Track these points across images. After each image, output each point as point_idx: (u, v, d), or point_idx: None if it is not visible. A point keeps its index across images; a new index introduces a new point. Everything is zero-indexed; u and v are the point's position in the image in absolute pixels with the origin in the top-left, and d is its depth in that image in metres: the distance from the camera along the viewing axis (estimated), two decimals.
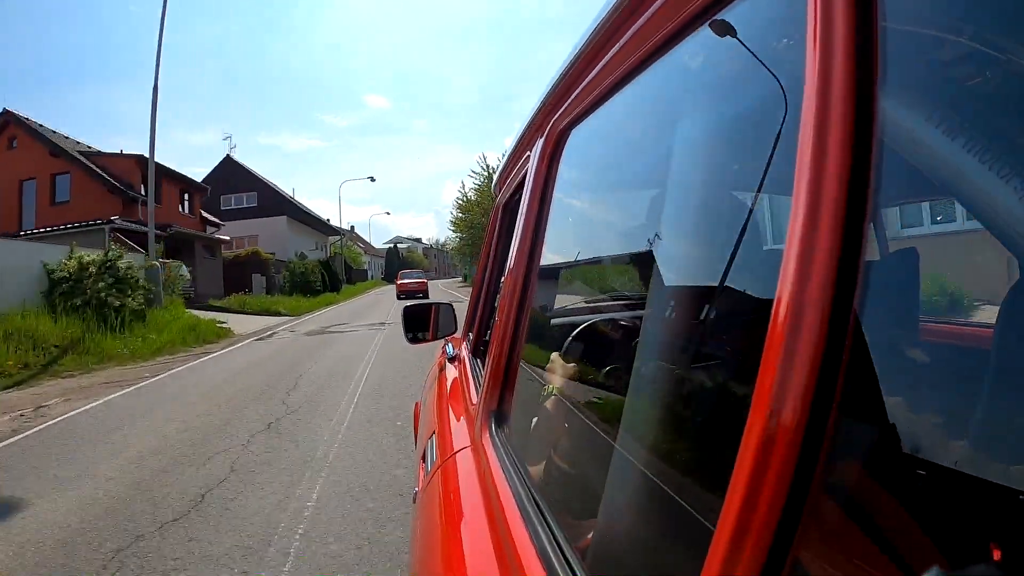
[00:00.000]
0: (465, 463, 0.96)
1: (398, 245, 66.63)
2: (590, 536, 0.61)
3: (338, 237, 40.83)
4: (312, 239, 36.76)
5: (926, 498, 0.29)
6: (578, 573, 0.51)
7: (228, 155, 34.39)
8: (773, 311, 0.31)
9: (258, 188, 34.27)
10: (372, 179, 40.32)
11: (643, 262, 0.98)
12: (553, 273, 1.07)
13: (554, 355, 0.96)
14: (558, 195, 0.94)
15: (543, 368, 1.01)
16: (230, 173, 33.28)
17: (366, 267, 51.96)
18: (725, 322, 0.51)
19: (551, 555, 0.56)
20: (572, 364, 0.92)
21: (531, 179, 0.98)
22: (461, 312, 2.27)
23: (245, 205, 33.47)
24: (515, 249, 0.98)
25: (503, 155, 1.64)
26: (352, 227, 58.73)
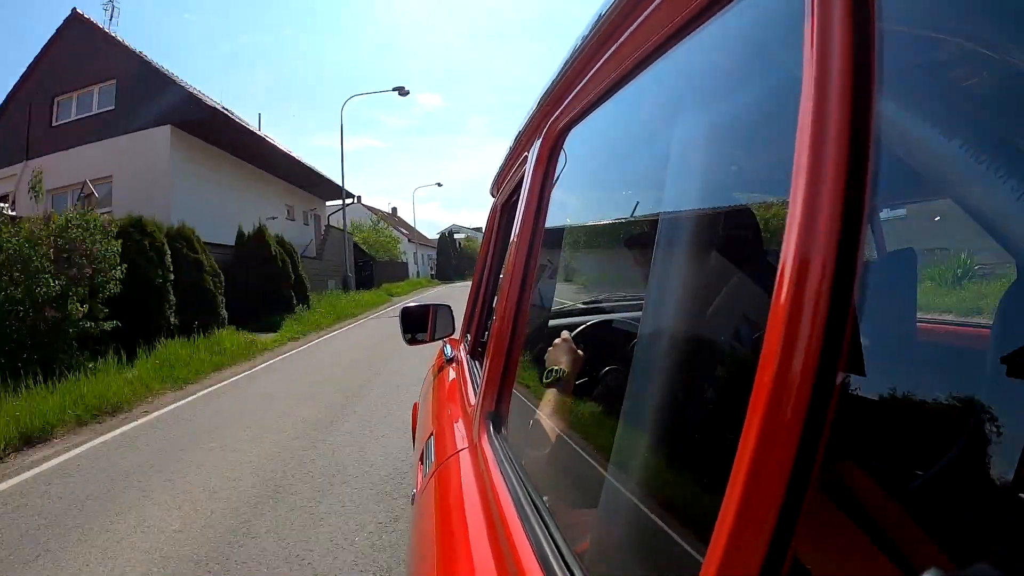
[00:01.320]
0: (463, 465, 0.96)
1: (454, 235, 48.84)
2: (588, 537, 0.61)
3: (339, 203, 20.08)
4: (278, 199, 17.48)
5: (924, 497, 0.29)
6: (576, 575, 0.51)
7: (75, 12, 13.48)
8: (771, 312, 0.30)
9: (121, 73, 13.20)
10: (403, 92, 19.34)
11: (640, 262, 0.98)
12: (551, 273, 1.07)
13: (564, 333, 0.95)
14: (555, 196, 0.94)
15: (541, 370, 1.01)
16: (83, 52, 13.27)
17: (405, 258, 34.73)
18: (723, 323, 0.51)
19: (550, 556, 0.55)
20: (579, 352, 0.92)
21: (529, 180, 0.98)
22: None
23: (97, 110, 13.42)
24: (513, 250, 0.98)
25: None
26: (394, 209, 46.04)
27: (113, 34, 14.01)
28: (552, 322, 1.31)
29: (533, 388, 1.03)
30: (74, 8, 13.74)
